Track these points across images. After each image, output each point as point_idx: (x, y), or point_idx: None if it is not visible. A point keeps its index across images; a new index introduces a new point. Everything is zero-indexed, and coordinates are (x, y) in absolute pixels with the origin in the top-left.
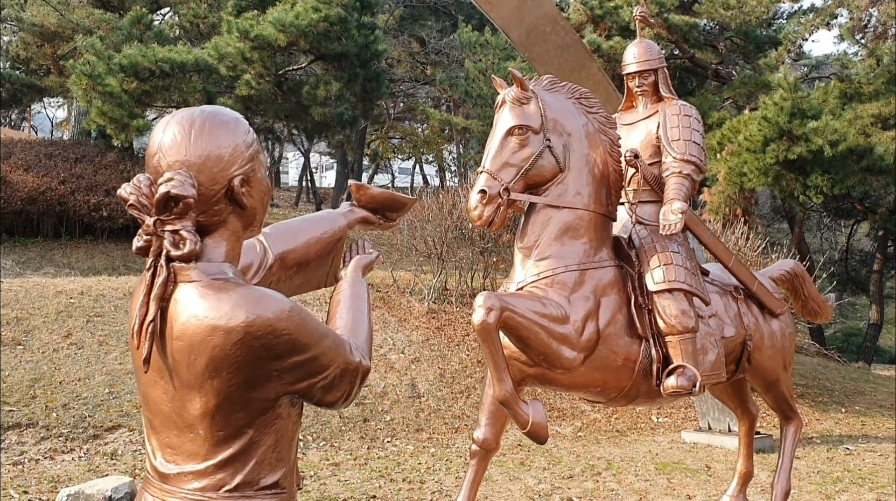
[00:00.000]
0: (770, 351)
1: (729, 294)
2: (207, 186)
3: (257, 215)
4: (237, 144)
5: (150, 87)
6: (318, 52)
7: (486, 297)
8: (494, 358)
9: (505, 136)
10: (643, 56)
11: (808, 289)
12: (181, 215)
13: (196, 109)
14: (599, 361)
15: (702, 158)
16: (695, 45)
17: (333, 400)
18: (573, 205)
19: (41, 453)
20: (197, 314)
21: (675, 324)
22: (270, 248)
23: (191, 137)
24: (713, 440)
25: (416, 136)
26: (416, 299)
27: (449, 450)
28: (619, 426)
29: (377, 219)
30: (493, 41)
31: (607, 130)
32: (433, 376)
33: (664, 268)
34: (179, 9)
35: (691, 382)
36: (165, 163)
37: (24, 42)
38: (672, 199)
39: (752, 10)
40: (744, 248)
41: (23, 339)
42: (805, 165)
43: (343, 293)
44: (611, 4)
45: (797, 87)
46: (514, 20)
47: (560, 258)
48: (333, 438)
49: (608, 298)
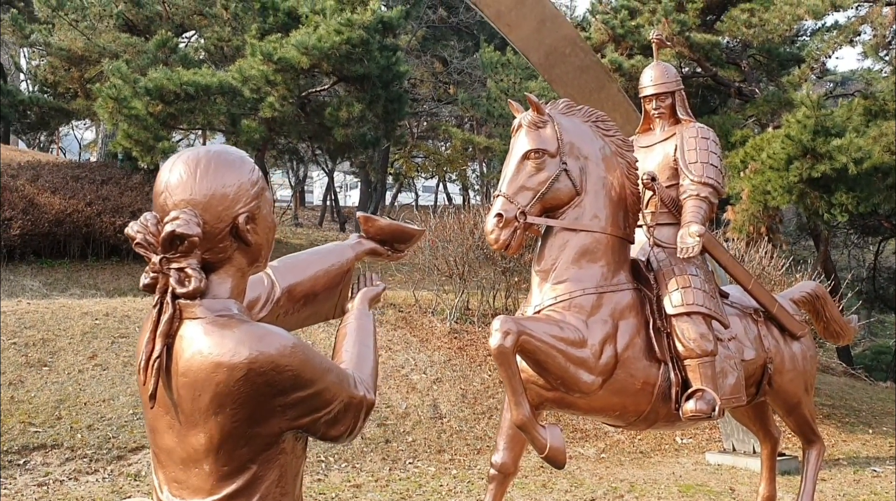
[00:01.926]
0: (791, 374)
1: (749, 317)
2: (213, 224)
3: (262, 252)
4: (242, 183)
5: (175, 109)
6: (341, 73)
7: (503, 321)
8: (512, 382)
9: (521, 160)
10: (660, 79)
11: (829, 311)
12: (186, 252)
13: (202, 148)
14: (618, 385)
15: (719, 180)
16: (717, 64)
17: (337, 435)
18: (590, 228)
19: (66, 474)
20: (201, 350)
21: (693, 348)
22: (278, 281)
23: (196, 177)
24: (738, 461)
25: (439, 155)
26: (437, 319)
27: (471, 472)
28: (643, 448)
29: (385, 250)
30: (514, 61)
31: (624, 152)
32: (455, 396)
33: (682, 291)
34: (204, 32)
35: (710, 406)
36: (172, 202)
37: (52, 66)
38: (689, 222)
39: (774, 28)
40: (768, 267)
41: (48, 360)
42: (829, 183)
43: (349, 326)
44: (632, 23)
45: (821, 104)
46: (534, 42)
47: (577, 282)
48: (355, 459)
49: (626, 321)
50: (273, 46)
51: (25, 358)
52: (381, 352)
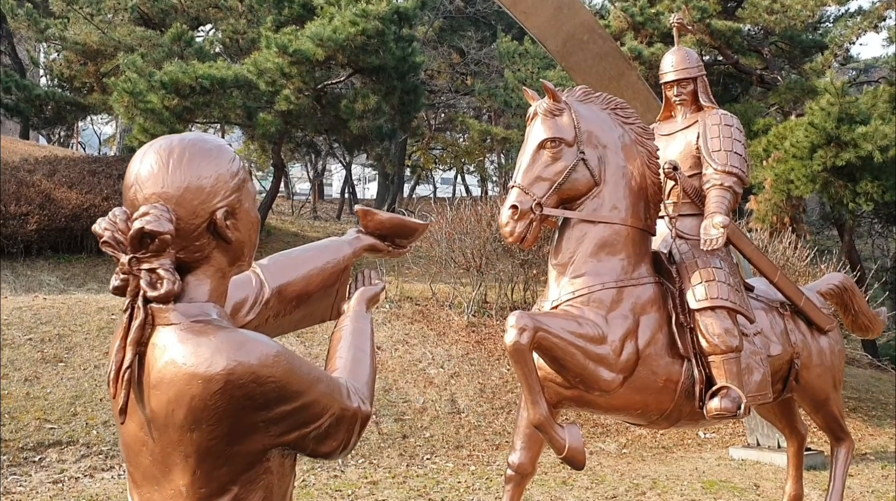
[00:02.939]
0: (819, 369)
1: (775, 311)
2: (187, 220)
3: (245, 250)
4: (220, 174)
5: (191, 103)
6: (356, 65)
7: (519, 317)
8: (528, 381)
9: (537, 149)
10: (681, 64)
11: (858, 303)
12: (158, 252)
13: (176, 136)
14: (639, 382)
15: (744, 169)
16: (738, 51)
17: (329, 451)
18: (609, 220)
19: (81, 471)
20: (175, 360)
21: (718, 343)
22: (267, 281)
23: (168, 168)
24: (762, 456)
25: (457, 146)
26: (455, 313)
27: (489, 468)
28: (665, 443)
29: (385, 246)
30: (532, 51)
31: (644, 141)
32: (473, 391)
33: (706, 285)
34: (219, 25)
35: (736, 404)
36: (142, 196)
37: (68, 60)
38: (713, 212)
39: (797, 14)
40: (792, 258)
41: (64, 356)
42: (854, 172)
43: (344, 330)
44: (651, 11)
45: (845, 91)
46: (551, 30)
47: (596, 275)
48: (372, 455)
49: (648, 316)
50: (288, 38)
51: (41, 354)
52: (399, 346)
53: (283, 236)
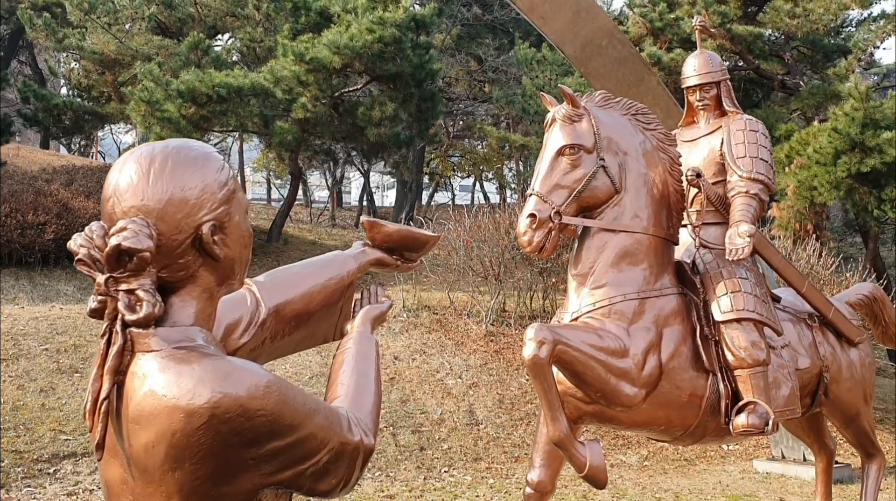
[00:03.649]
0: (849, 383)
1: (803, 322)
2: (169, 235)
3: (235, 267)
4: (206, 185)
5: (208, 112)
6: (373, 73)
7: (538, 329)
8: (548, 396)
9: (555, 156)
10: (704, 68)
11: (888, 314)
12: (137, 271)
13: (159, 143)
14: (662, 397)
15: (770, 176)
16: (760, 56)
17: (328, 489)
18: (631, 228)
19: (96, 483)
20: (155, 391)
21: (744, 357)
22: (264, 300)
23: (149, 178)
24: (787, 470)
25: (475, 153)
26: (473, 322)
27: (508, 481)
28: (688, 455)
29: (394, 260)
30: (550, 57)
31: (666, 147)
32: (492, 402)
33: (732, 296)
34: (236, 33)
35: (763, 420)
36: (120, 209)
37: (86, 70)
38: (739, 221)
39: (819, 19)
40: (816, 266)
41: (80, 366)
42: (879, 178)
43: (347, 353)
44: (671, 16)
45: (869, 96)
46: (569, 34)
47: (618, 286)
48: (389, 468)
49: (671, 329)
50: (305, 46)
51: (57, 365)
52: (416, 356)
53: (301, 245)
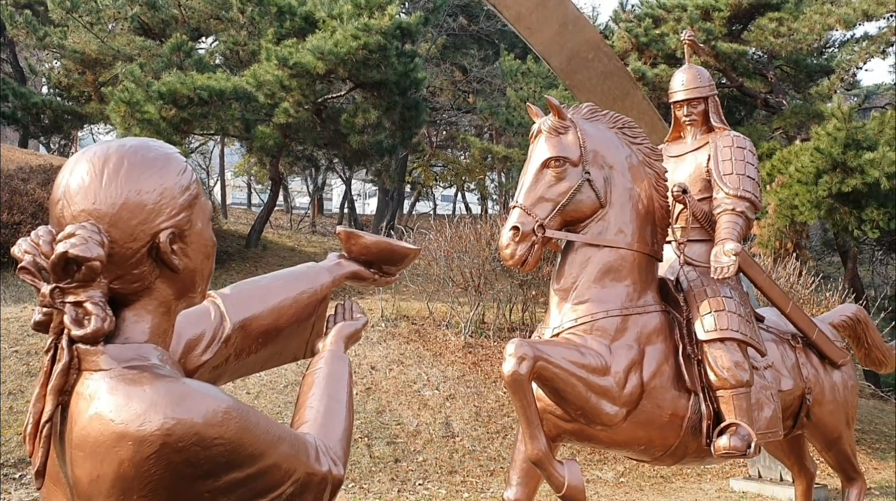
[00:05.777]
0: (831, 406)
1: (786, 343)
2: (123, 243)
3: (196, 280)
4: (166, 189)
5: (189, 114)
6: (357, 79)
7: (518, 345)
8: (527, 413)
9: (540, 168)
10: (692, 83)
11: (872, 336)
12: (85, 281)
13: (115, 142)
14: (643, 416)
15: (757, 194)
16: (743, 74)
17: None
18: (615, 244)
19: None
20: (101, 414)
21: (727, 377)
22: (229, 314)
23: (102, 180)
24: (763, 489)
25: (457, 164)
26: (451, 333)
27: (483, 495)
28: (664, 472)
29: (371, 274)
30: (535, 69)
31: (653, 162)
32: (468, 414)
33: (715, 315)
34: (220, 36)
35: (745, 442)
36: (69, 213)
37: (66, 69)
38: (725, 239)
39: (802, 38)
40: (796, 284)
41: None
42: (860, 198)
43: (317, 374)
44: (656, 32)
45: (851, 117)
46: (555, 46)
47: (600, 302)
48: (363, 479)
49: (653, 347)
50: (288, 51)
51: (27, 367)
52: (393, 366)
53: (280, 251)
